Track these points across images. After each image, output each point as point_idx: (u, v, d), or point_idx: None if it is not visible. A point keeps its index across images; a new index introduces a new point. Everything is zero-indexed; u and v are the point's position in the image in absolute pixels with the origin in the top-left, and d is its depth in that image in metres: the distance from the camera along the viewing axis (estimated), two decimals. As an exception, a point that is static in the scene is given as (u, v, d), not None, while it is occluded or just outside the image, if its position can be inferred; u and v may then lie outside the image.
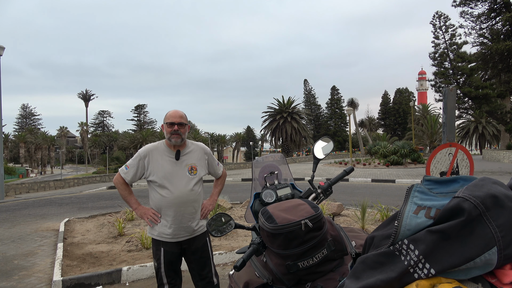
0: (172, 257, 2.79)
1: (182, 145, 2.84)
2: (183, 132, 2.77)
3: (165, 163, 2.77)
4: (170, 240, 2.76)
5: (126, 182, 2.83)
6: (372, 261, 0.81)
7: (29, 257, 5.79)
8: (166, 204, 2.73)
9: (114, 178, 2.90)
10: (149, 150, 2.82)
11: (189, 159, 2.84)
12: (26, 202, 13.96)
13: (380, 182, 16.36)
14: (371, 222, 6.87)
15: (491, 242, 0.70)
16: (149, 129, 73.57)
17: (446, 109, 4.29)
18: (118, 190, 2.88)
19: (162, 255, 2.76)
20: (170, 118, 2.75)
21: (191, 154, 2.86)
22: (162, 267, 2.77)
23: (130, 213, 8.15)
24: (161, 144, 2.86)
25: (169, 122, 2.74)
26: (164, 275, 2.78)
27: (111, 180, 25.15)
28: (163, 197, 2.74)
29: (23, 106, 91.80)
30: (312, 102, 79.89)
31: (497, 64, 24.51)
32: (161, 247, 2.77)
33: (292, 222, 1.22)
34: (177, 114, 2.78)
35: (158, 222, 2.76)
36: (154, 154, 2.80)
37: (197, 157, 2.88)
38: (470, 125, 55.94)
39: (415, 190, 0.85)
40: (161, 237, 2.77)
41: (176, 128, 2.72)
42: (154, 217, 2.76)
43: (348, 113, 32.84)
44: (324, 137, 1.93)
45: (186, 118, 2.84)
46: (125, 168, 2.83)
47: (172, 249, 2.78)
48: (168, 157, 2.79)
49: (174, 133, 2.73)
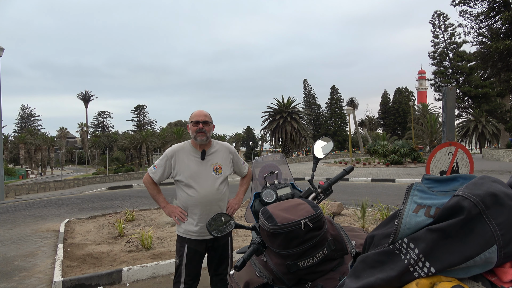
0: (195, 255, 2.84)
1: (208, 145, 2.90)
2: (207, 131, 2.82)
3: (191, 163, 2.84)
4: (195, 238, 2.83)
5: (154, 181, 2.91)
6: (372, 260, 0.81)
7: (29, 258, 5.79)
8: (192, 203, 2.81)
9: (143, 177, 3.00)
10: (176, 150, 2.89)
11: (214, 158, 2.90)
12: (26, 203, 13.96)
13: (380, 182, 16.36)
14: (371, 221, 6.87)
15: (491, 240, 0.70)
16: (149, 129, 73.58)
17: (446, 108, 4.29)
18: (147, 189, 2.98)
19: (186, 251, 2.82)
20: (195, 117, 2.83)
21: (216, 154, 2.92)
22: (183, 264, 2.82)
23: (130, 213, 8.15)
24: (187, 144, 2.93)
25: (194, 121, 2.81)
26: (183, 273, 2.82)
27: (111, 180, 25.15)
28: (189, 196, 2.81)
29: (23, 107, 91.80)
30: (311, 102, 79.89)
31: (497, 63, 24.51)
32: (186, 244, 2.84)
33: (292, 221, 1.22)
34: (202, 113, 2.85)
35: (185, 220, 2.84)
36: (180, 154, 2.87)
37: (222, 157, 2.94)
38: (470, 124, 55.95)
39: (414, 188, 0.86)
40: (187, 234, 2.84)
41: (201, 127, 2.79)
42: (181, 215, 2.84)
43: (348, 113, 32.84)
44: (324, 137, 1.93)
45: (211, 117, 2.91)
46: (153, 168, 2.92)
47: (197, 247, 2.84)
48: (193, 157, 2.86)
49: (199, 131, 2.79)
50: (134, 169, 48.55)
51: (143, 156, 55.81)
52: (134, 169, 46.89)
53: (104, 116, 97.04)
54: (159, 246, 5.89)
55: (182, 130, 53.56)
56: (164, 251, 5.61)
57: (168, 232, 6.83)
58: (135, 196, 14.37)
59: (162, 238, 6.35)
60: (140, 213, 8.96)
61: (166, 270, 4.79)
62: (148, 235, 5.79)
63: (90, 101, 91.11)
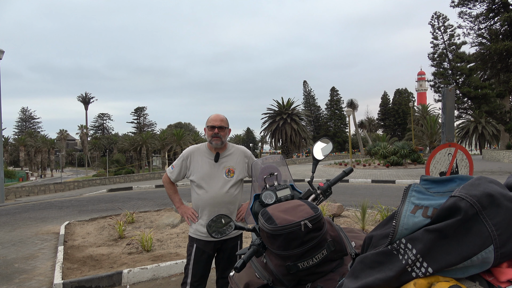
0: (203, 255, 2.86)
1: (223, 148, 2.95)
2: (223, 135, 2.87)
3: (204, 164, 2.91)
4: (204, 238, 2.86)
5: (171, 180, 3.03)
6: (371, 260, 0.82)
7: (29, 260, 5.79)
8: (201, 203, 2.88)
9: (163, 177, 3.13)
10: (192, 151, 2.98)
11: (228, 161, 2.94)
12: (26, 205, 13.96)
13: (380, 183, 16.36)
14: (371, 222, 6.87)
15: (488, 240, 0.70)
16: (149, 131, 73.44)
17: (445, 110, 4.30)
18: (165, 188, 3.12)
19: (194, 251, 2.87)
20: (212, 122, 2.88)
21: (230, 157, 2.96)
22: (191, 264, 2.85)
23: (131, 215, 8.16)
24: (203, 146, 3.00)
25: (210, 126, 2.86)
26: (190, 273, 2.84)
27: (111, 183, 25.15)
28: (199, 196, 2.89)
29: (23, 110, 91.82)
30: (311, 103, 79.91)
31: (496, 64, 24.53)
32: (194, 244, 2.88)
33: (291, 223, 1.23)
34: (218, 118, 2.89)
35: (196, 221, 2.90)
36: (196, 155, 2.95)
37: (236, 160, 2.97)
38: (470, 125, 55.98)
39: (412, 189, 0.86)
40: (196, 235, 2.89)
41: (216, 131, 2.84)
42: (192, 216, 2.92)
43: (348, 114, 32.87)
44: (323, 138, 1.93)
45: (227, 122, 2.96)
46: (171, 168, 3.03)
47: (205, 248, 2.86)
48: (208, 158, 2.92)
49: (214, 136, 2.84)
50: (134, 171, 48.52)
51: (143, 158, 55.79)
52: (134, 171, 46.86)
53: (104, 118, 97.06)
54: (159, 248, 5.89)
55: (182, 132, 53.61)
56: (164, 253, 5.61)
57: (168, 234, 6.83)
58: (135, 198, 14.37)
59: (162, 240, 6.35)
60: (140, 215, 8.96)
61: (166, 272, 4.79)
62: (148, 237, 5.79)
63: (90, 103, 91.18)
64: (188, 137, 54.33)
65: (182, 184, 15.95)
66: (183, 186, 15.39)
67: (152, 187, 19.35)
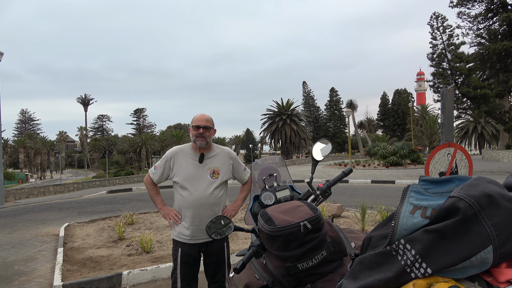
0: (189, 258, 2.82)
1: (207, 149, 2.90)
2: (208, 135, 2.83)
3: (188, 165, 2.85)
4: (187, 241, 2.81)
5: (154, 182, 2.95)
6: (370, 261, 0.82)
7: (29, 262, 5.78)
8: (185, 205, 2.81)
9: (144, 178, 3.04)
10: (175, 152, 2.92)
11: (213, 162, 2.89)
12: (25, 207, 13.94)
13: (380, 183, 16.37)
14: (371, 223, 6.87)
15: (487, 241, 0.70)
16: (149, 132, 73.42)
17: (445, 110, 4.30)
18: (147, 189, 3.01)
19: (179, 255, 2.82)
20: (196, 121, 2.83)
21: (215, 158, 2.91)
22: (178, 268, 2.81)
23: (130, 217, 8.15)
24: (187, 147, 2.94)
25: (195, 125, 2.82)
26: (179, 278, 2.80)
27: (110, 184, 25.14)
28: (183, 198, 2.82)
29: (22, 111, 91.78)
30: (311, 104, 79.97)
31: (495, 64, 24.56)
32: (179, 248, 2.83)
33: (291, 224, 1.23)
34: (203, 118, 2.85)
35: (179, 223, 2.83)
36: (179, 156, 2.89)
37: (221, 161, 2.92)
38: (469, 125, 56.03)
39: (411, 190, 0.86)
40: (179, 238, 2.84)
41: (201, 131, 2.79)
42: (175, 218, 2.84)
43: (347, 115, 32.87)
44: (323, 139, 1.94)
45: (212, 122, 2.91)
46: (154, 169, 2.95)
47: (190, 251, 2.82)
48: (192, 159, 2.86)
49: (199, 136, 2.79)
50: (134, 172, 48.50)
51: (143, 159, 55.75)
52: (133, 173, 46.85)
53: (104, 119, 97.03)
54: (159, 250, 5.89)
55: (182, 133, 53.54)
56: (164, 254, 5.60)
57: (168, 235, 6.82)
58: (135, 200, 14.36)
59: (162, 242, 6.35)
60: (140, 216, 8.95)
61: (166, 274, 4.78)
62: (148, 239, 5.78)
63: (89, 104, 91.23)
64: (188, 138, 54.24)
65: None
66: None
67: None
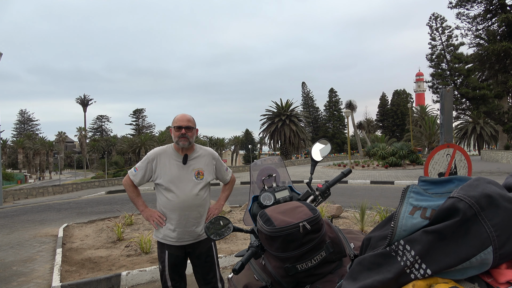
0: (177, 260, 2.82)
1: (190, 149, 2.87)
2: (190, 136, 2.79)
3: (172, 166, 2.80)
4: (174, 244, 2.79)
5: (134, 184, 2.86)
6: (369, 262, 0.81)
7: (28, 263, 5.76)
8: (171, 207, 2.76)
9: (123, 179, 2.93)
10: (158, 153, 2.85)
11: (197, 163, 2.86)
12: (24, 208, 13.92)
13: (379, 184, 16.37)
14: (370, 224, 6.87)
15: (487, 241, 0.70)
16: (148, 133, 73.39)
17: (444, 110, 4.30)
18: (127, 191, 2.91)
19: (167, 258, 2.80)
20: (178, 122, 2.78)
21: (198, 159, 2.88)
22: (166, 270, 2.81)
23: (129, 217, 8.13)
24: (169, 148, 2.89)
25: (177, 126, 2.77)
26: (168, 278, 2.81)
27: (109, 185, 25.10)
28: (168, 201, 2.77)
29: (21, 112, 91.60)
30: (310, 105, 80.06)
31: (494, 64, 24.59)
32: (166, 250, 2.81)
33: (290, 224, 1.22)
34: (185, 118, 2.81)
35: (163, 225, 2.79)
36: (162, 157, 2.83)
37: (205, 162, 2.90)
38: (468, 126, 56.11)
39: (410, 190, 0.86)
40: (165, 240, 2.80)
41: (183, 132, 2.75)
42: (159, 220, 2.78)
43: (346, 115, 32.88)
44: (322, 140, 1.93)
45: (194, 122, 2.87)
46: (134, 170, 2.87)
47: (176, 253, 2.81)
48: (175, 161, 2.81)
49: (181, 137, 2.75)
50: (133, 173, 48.36)
51: (142, 160, 55.67)
52: (133, 173, 46.73)
53: (103, 120, 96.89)
54: (158, 250, 5.88)
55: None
56: (163, 255, 5.59)
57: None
58: (134, 200, 14.33)
59: (161, 242, 6.34)
60: (139, 217, 8.93)
61: (165, 274, 4.78)
62: (147, 239, 5.77)
63: (88, 105, 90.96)
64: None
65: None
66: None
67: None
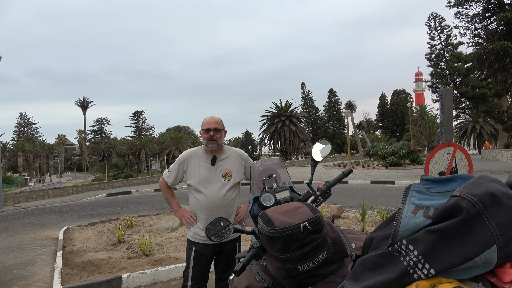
0: (202, 259, 2.88)
1: (219, 151, 2.95)
2: (218, 138, 2.88)
3: (201, 168, 2.91)
4: (202, 242, 2.88)
5: (168, 185, 3.02)
6: (371, 262, 0.80)
7: (28, 266, 5.75)
8: (200, 207, 2.88)
9: (159, 181, 3.11)
10: (188, 155, 2.97)
11: (225, 164, 2.94)
12: (25, 211, 13.90)
13: (380, 184, 16.36)
14: (371, 224, 6.86)
15: (491, 240, 0.69)
16: (148, 135, 73.34)
17: (443, 110, 4.30)
18: (162, 192, 3.09)
19: (193, 254, 2.88)
20: (206, 124, 2.88)
21: (227, 160, 2.95)
22: (190, 267, 2.87)
23: (130, 220, 8.12)
24: (199, 150, 3.00)
25: (205, 129, 2.87)
26: (190, 276, 2.86)
27: (110, 187, 25.09)
28: (197, 201, 2.89)
29: (21, 115, 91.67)
30: (310, 105, 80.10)
31: (493, 63, 24.60)
32: (193, 247, 2.89)
33: (291, 225, 1.22)
34: (213, 120, 2.90)
35: (194, 224, 2.90)
36: (192, 159, 2.95)
37: (233, 163, 2.97)
38: (468, 125, 56.09)
39: (413, 189, 0.85)
40: (194, 238, 2.90)
41: (211, 134, 2.84)
42: (190, 219, 2.92)
43: (346, 116, 32.88)
44: (322, 140, 1.92)
45: (222, 124, 2.96)
46: (168, 172, 3.02)
47: (204, 251, 2.87)
48: (204, 162, 2.92)
49: (210, 139, 2.85)
50: (133, 175, 48.42)
51: (142, 162, 55.68)
52: (133, 175, 46.76)
53: (103, 122, 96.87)
54: (159, 252, 5.87)
55: (181, 136, 53.55)
56: (163, 257, 5.58)
57: (168, 238, 6.80)
58: (134, 202, 14.33)
59: (162, 244, 6.33)
60: (140, 219, 8.92)
61: (166, 276, 4.77)
62: (148, 241, 5.76)
63: (88, 107, 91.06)
64: (187, 141, 54.31)
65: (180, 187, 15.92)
66: (181, 190, 15.35)
67: (151, 191, 19.30)
